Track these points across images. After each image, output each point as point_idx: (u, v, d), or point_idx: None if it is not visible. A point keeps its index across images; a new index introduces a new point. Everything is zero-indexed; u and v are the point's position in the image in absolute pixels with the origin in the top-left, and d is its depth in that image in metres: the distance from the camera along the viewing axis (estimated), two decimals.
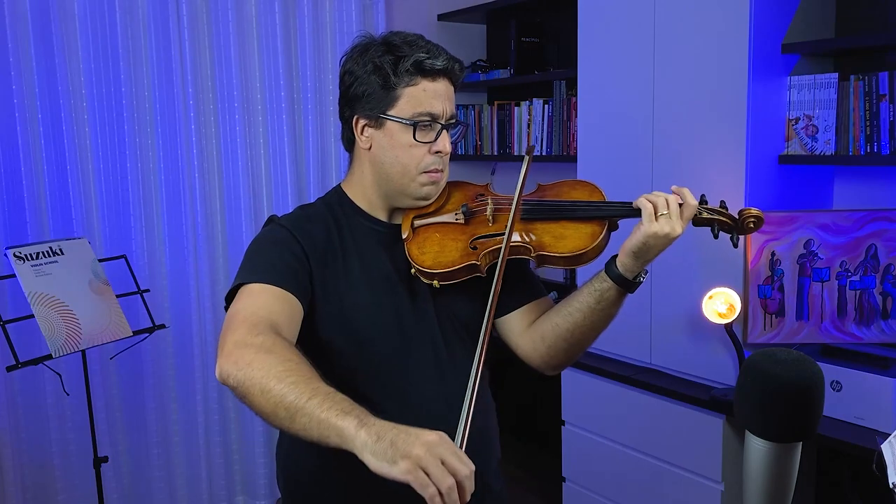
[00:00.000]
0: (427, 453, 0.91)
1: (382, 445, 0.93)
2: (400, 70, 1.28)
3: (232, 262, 3.23)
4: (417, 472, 0.91)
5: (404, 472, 0.91)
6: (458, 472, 0.92)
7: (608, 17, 2.65)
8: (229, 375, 1.09)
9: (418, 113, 1.29)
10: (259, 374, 1.06)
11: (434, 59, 1.29)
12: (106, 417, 2.98)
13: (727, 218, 1.32)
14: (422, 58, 1.28)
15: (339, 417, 0.98)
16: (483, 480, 1.42)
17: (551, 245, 1.31)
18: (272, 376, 1.04)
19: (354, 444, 0.95)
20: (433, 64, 1.28)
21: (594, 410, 2.78)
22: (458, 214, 1.36)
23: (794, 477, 1.16)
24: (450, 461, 0.92)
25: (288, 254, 1.30)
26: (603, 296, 1.31)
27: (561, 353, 1.39)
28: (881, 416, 2.06)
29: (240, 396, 1.09)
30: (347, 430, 0.96)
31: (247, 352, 1.09)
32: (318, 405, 1.00)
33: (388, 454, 0.92)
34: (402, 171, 1.32)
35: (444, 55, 1.31)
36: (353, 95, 1.32)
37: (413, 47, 1.29)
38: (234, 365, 1.09)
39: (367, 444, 0.94)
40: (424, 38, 1.33)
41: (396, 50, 1.29)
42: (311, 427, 0.99)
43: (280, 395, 1.02)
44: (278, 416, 1.03)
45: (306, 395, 1.01)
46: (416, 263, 1.31)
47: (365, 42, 1.33)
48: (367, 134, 1.33)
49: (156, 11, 2.97)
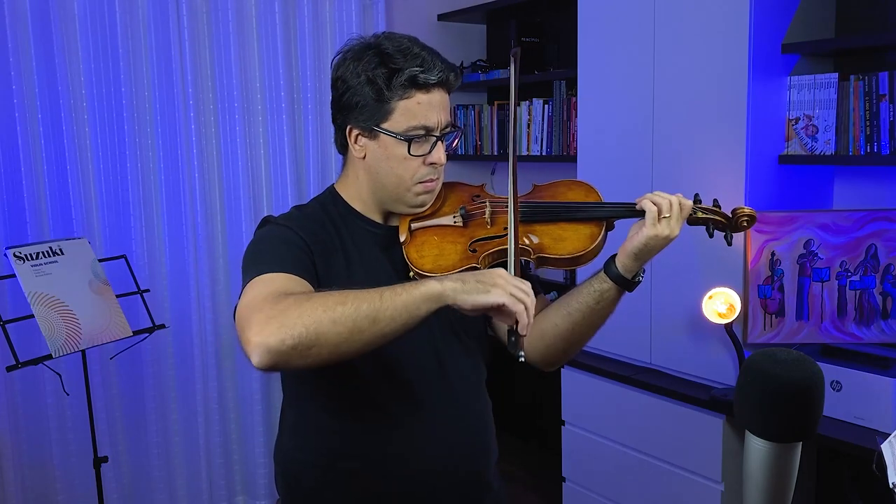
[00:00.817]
0: (505, 281, 1.07)
1: (471, 285, 1.06)
2: (394, 84, 1.25)
3: (232, 262, 3.23)
4: (511, 293, 1.05)
5: (500, 295, 1.05)
6: (525, 290, 1.08)
7: (608, 17, 2.65)
8: (283, 340, 1.02)
9: (413, 126, 1.27)
10: (319, 311, 1.04)
11: (429, 72, 1.26)
12: (106, 417, 2.98)
13: (721, 217, 1.35)
14: (416, 72, 1.25)
15: (417, 288, 1.06)
16: (482, 479, 1.43)
17: (551, 247, 1.31)
18: (334, 304, 1.04)
19: (446, 294, 1.06)
20: (427, 78, 1.26)
21: (594, 410, 2.78)
22: (457, 217, 1.35)
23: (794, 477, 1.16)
24: (520, 286, 1.08)
25: (295, 248, 1.27)
26: (603, 296, 1.32)
27: (559, 350, 1.40)
28: (881, 416, 2.06)
29: (304, 347, 1.03)
30: (433, 289, 1.06)
31: (288, 311, 1.04)
32: (392, 295, 1.05)
33: (480, 287, 1.06)
34: (397, 182, 1.31)
35: (440, 66, 1.28)
36: (346, 104, 1.30)
37: (407, 58, 1.26)
38: (281, 328, 1.02)
39: (458, 289, 1.06)
40: (418, 42, 1.30)
41: (390, 61, 1.26)
42: (398, 314, 1.05)
43: (354, 311, 1.04)
44: (361, 331, 1.04)
45: (376, 296, 1.05)
46: (416, 267, 1.31)
47: (357, 48, 1.30)
48: (360, 143, 1.32)
49: (156, 11, 2.97)
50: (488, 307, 1.06)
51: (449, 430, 1.37)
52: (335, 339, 1.04)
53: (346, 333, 1.04)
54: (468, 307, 1.06)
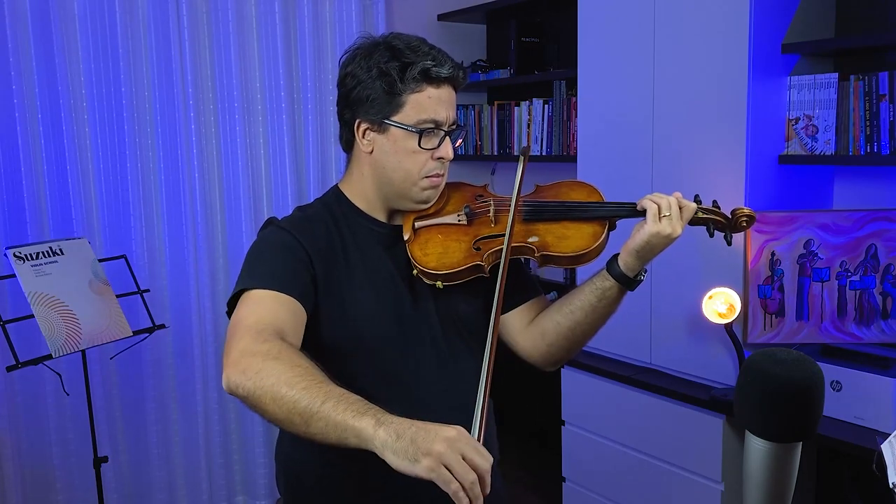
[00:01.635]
0: (448, 449, 0.92)
1: (403, 444, 0.93)
2: (407, 77, 1.27)
3: (232, 262, 3.23)
4: (440, 469, 0.91)
5: (427, 469, 0.91)
6: (478, 466, 0.93)
7: (608, 17, 2.65)
8: (238, 386, 1.08)
9: (423, 120, 1.29)
10: (269, 382, 1.05)
11: (440, 66, 1.28)
12: (106, 417, 2.98)
13: (721, 217, 1.37)
14: (429, 65, 1.27)
15: (356, 418, 0.97)
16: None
17: (554, 245, 1.33)
18: (283, 383, 1.04)
19: (374, 443, 0.95)
20: (439, 72, 1.28)
21: (594, 410, 2.78)
22: (461, 216, 1.36)
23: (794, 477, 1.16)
24: (470, 456, 0.93)
25: (290, 257, 1.29)
26: (605, 294, 1.33)
27: (562, 349, 1.41)
28: (881, 416, 2.06)
29: (251, 406, 1.08)
30: (366, 430, 0.96)
31: (254, 360, 1.09)
32: (332, 408, 0.99)
33: (410, 452, 0.92)
34: (404, 176, 1.32)
35: (450, 62, 1.30)
36: (356, 99, 1.31)
37: (418, 54, 1.28)
38: (242, 374, 1.08)
39: (388, 443, 0.94)
40: (426, 42, 1.32)
41: (402, 56, 1.28)
42: (329, 431, 0.99)
43: (293, 401, 1.02)
44: (293, 423, 1.03)
45: (320, 398, 1.01)
46: (420, 265, 1.31)
47: (367, 45, 1.32)
48: (369, 138, 1.33)
49: (156, 11, 2.97)
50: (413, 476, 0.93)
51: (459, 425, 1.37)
52: (270, 416, 1.06)
53: (281, 416, 1.04)
54: (394, 468, 0.94)
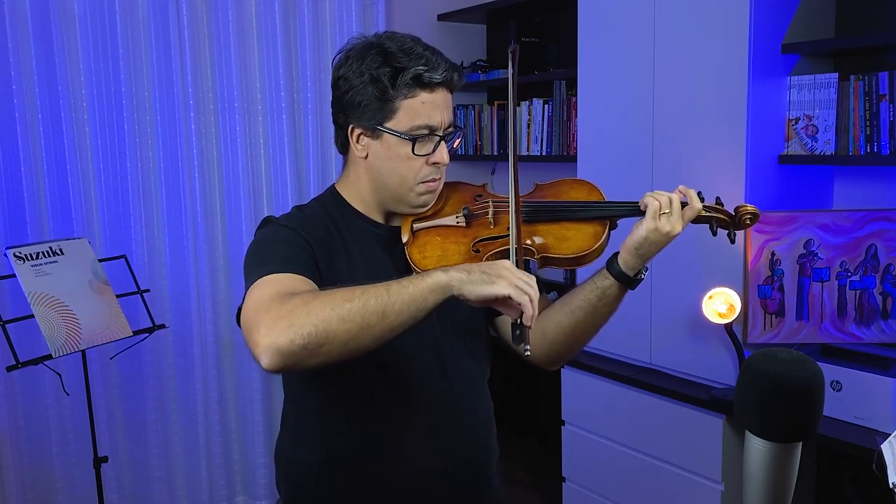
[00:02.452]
0: (510, 273, 1.07)
1: (476, 276, 1.06)
2: (398, 83, 1.24)
3: (232, 262, 3.22)
4: (518, 283, 1.06)
5: (506, 286, 1.05)
6: (533, 284, 1.08)
7: (608, 17, 2.65)
8: (292, 340, 1.01)
9: (416, 126, 1.26)
10: (327, 310, 1.03)
11: (433, 71, 1.25)
12: (106, 417, 2.98)
13: (724, 215, 1.34)
14: (421, 71, 1.24)
15: (423, 280, 1.06)
16: (484, 478, 1.43)
17: (554, 247, 1.31)
18: (341, 302, 1.04)
19: (452, 285, 1.06)
20: (432, 77, 1.25)
21: (594, 410, 2.78)
22: (459, 217, 1.34)
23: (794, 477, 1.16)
24: (524, 278, 1.08)
25: (298, 248, 1.26)
26: (605, 293, 1.32)
27: (563, 349, 1.40)
28: (881, 416, 2.06)
29: (315, 346, 1.02)
30: (439, 280, 1.06)
31: (296, 310, 1.04)
32: (399, 288, 1.05)
33: (486, 278, 1.06)
34: (399, 182, 1.30)
35: (443, 65, 1.27)
36: (349, 103, 1.29)
37: (411, 57, 1.25)
38: (290, 327, 1.02)
39: (463, 280, 1.06)
40: (421, 42, 1.29)
41: (394, 60, 1.25)
42: (405, 308, 1.05)
43: (362, 307, 1.04)
44: (370, 326, 1.04)
45: (382, 290, 1.05)
46: (419, 268, 1.30)
47: (360, 47, 1.29)
48: (363, 143, 1.31)
49: (156, 11, 2.97)
50: (493, 298, 1.06)
51: (451, 430, 1.37)
52: (345, 336, 1.03)
53: (356, 329, 1.03)
54: (473, 298, 1.06)
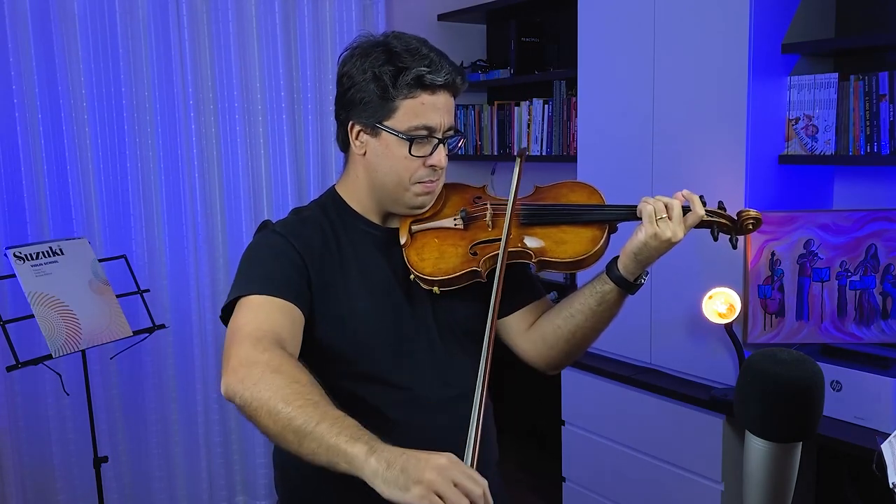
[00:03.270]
0: (439, 477, 0.91)
1: (393, 473, 0.93)
2: (400, 83, 1.24)
3: (232, 262, 3.22)
4: (431, 496, 0.91)
5: (418, 497, 0.91)
6: (471, 492, 0.92)
7: (608, 17, 2.65)
8: (236, 394, 1.08)
9: (415, 126, 1.26)
10: (266, 395, 1.04)
11: (435, 73, 1.25)
12: (106, 417, 2.97)
13: (726, 219, 1.33)
14: (423, 72, 1.24)
15: (349, 444, 0.97)
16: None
17: (552, 250, 1.30)
18: (280, 398, 1.03)
19: (364, 471, 0.95)
20: (434, 79, 1.25)
21: (594, 410, 2.78)
22: (457, 220, 1.34)
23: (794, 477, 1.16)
24: (462, 482, 0.92)
25: (286, 262, 1.28)
26: (604, 297, 1.31)
27: (562, 353, 1.39)
28: (881, 416, 2.06)
29: (246, 416, 1.08)
30: (357, 457, 0.96)
31: (253, 370, 1.08)
32: (326, 430, 0.99)
33: (400, 481, 0.92)
34: (396, 181, 1.30)
35: (447, 68, 1.27)
36: (350, 100, 1.29)
37: (415, 58, 1.25)
38: (240, 384, 1.08)
39: (378, 472, 0.94)
40: (427, 43, 1.29)
41: (397, 59, 1.25)
42: (320, 452, 0.99)
43: (288, 418, 1.01)
44: (286, 439, 1.02)
45: (315, 419, 1.00)
46: (416, 270, 1.29)
47: (365, 45, 1.30)
48: (362, 140, 1.31)
49: (156, 11, 2.97)
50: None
51: (449, 432, 1.36)
52: (264, 430, 1.06)
53: (276, 432, 1.04)
54: (385, 496, 0.95)
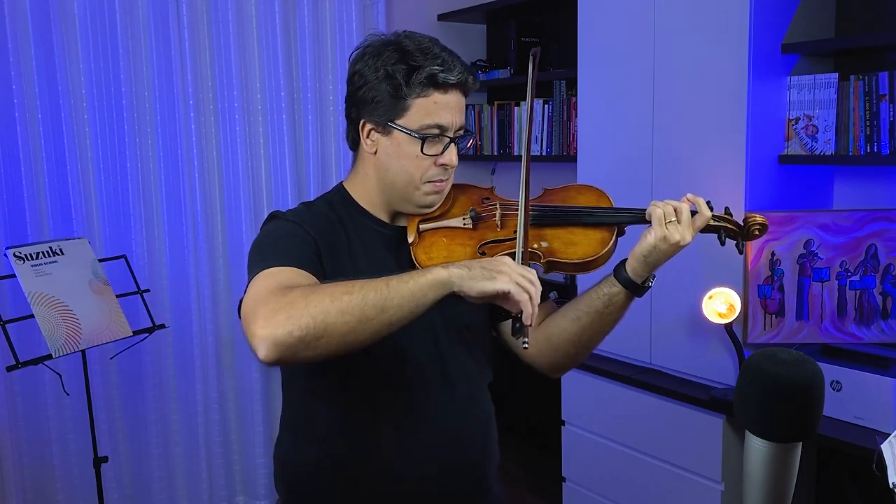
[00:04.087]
0: (511, 268, 1.08)
1: (476, 272, 1.07)
2: (413, 81, 1.25)
3: (232, 262, 3.22)
4: (519, 279, 1.06)
5: (506, 282, 1.06)
6: (534, 280, 1.09)
7: (608, 17, 2.65)
8: (290, 332, 1.01)
9: (427, 125, 1.26)
10: (325, 303, 1.03)
11: (448, 72, 1.26)
12: (106, 417, 2.97)
13: (733, 225, 1.33)
14: (436, 70, 1.25)
15: (423, 276, 1.06)
16: (482, 482, 1.43)
17: (561, 251, 1.30)
18: (340, 294, 1.04)
19: (452, 281, 1.06)
20: (447, 78, 1.25)
21: (594, 410, 2.78)
22: (466, 219, 1.34)
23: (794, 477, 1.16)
24: (526, 274, 1.09)
25: (302, 243, 1.26)
26: (612, 300, 1.31)
27: (568, 356, 1.39)
28: (881, 416, 2.06)
29: (312, 339, 1.02)
30: (439, 275, 1.06)
31: (295, 302, 1.03)
32: (399, 283, 1.05)
33: (486, 274, 1.06)
34: (406, 180, 1.31)
35: (459, 67, 1.27)
36: (362, 99, 1.29)
37: (427, 57, 1.26)
38: (288, 320, 1.01)
39: (464, 276, 1.06)
40: (439, 43, 1.29)
41: (410, 58, 1.25)
42: (405, 302, 1.05)
43: (361, 300, 1.04)
44: (369, 319, 1.04)
45: (382, 284, 1.05)
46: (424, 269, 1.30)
47: (378, 44, 1.30)
48: (373, 139, 1.31)
49: (156, 11, 2.97)
50: (494, 294, 1.07)
51: (450, 433, 1.36)
52: (343, 329, 1.03)
53: (354, 322, 1.03)
54: (474, 294, 1.06)
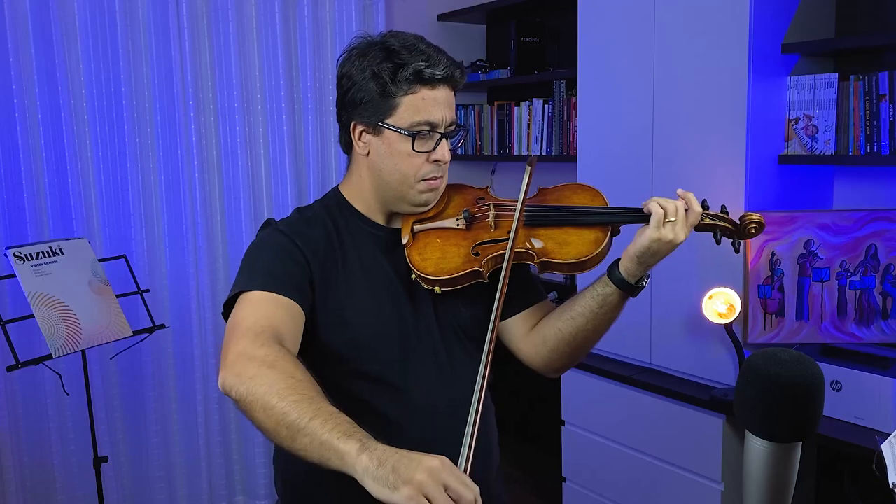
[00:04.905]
0: (429, 478, 0.90)
1: (384, 471, 0.92)
2: (399, 79, 1.24)
3: (232, 262, 3.23)
4: (420, 498, 0.89)
5: (406, 498, 0.89)
6: (461, 497, 0.90)
7: (608, 17, 2.65)
8: (232, 388, 1.08)
9: (417, 122, 1.26)
10: (262, 391, 1.04)
11: (434, 67, 1.25)
12: (106, 417, 2.98)
13: (729, 223, 1.33)
14: (421, 66, 1.24)
15: (341, 441, 0.96)
16: (482, 483, 1.42)
17: (555, 252, 1.29)
18: (274, 393, 1.03)
19: (355, 469, 0.94)
20: (433, 73, 1.25)
21: (594, 410, 2.78)
22: (460, 220, 1.34)
23: (794, 477, 1.16)
24: (453, 486, 0.90)
25: (288, 259, 1.28)
26: (606, 300, 1.31)
27: (564, 356, 1.39)
28: (881, 416, 2.06)
29: (242, 410, 1.08)
30: (349, 454, 0.95)
31: (250, 365, 1.08)
32: (320, 426, 0.98)
33: (390, 480, 0.91)
34: (400, 179, 1.30)
35: (445, 62, 1.27)
36: (351, 101, 1.29)
37: (413, 54, 1.25)
38: (236, 378, 1.08)
39: (369, 470, 0.93)
40: (424, 40, 1.29)
41: (395, 56, 1.25)
42: (313, 448, 0.98)
43: (282, 413, 1.01)
44: (279, 435, 1.02)
45: (308, 414, 1.00)
46: (418, 270, 1.29)
47: (363, 45, 1.30)
48: (364, 140, 1.31)
49: (156, 11, 2.97)
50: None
51: (449, 435, 1.36)
52: (259, 424, 1.06)
53: (270, 427, 1.04)
54: (374, 495, 0.93)
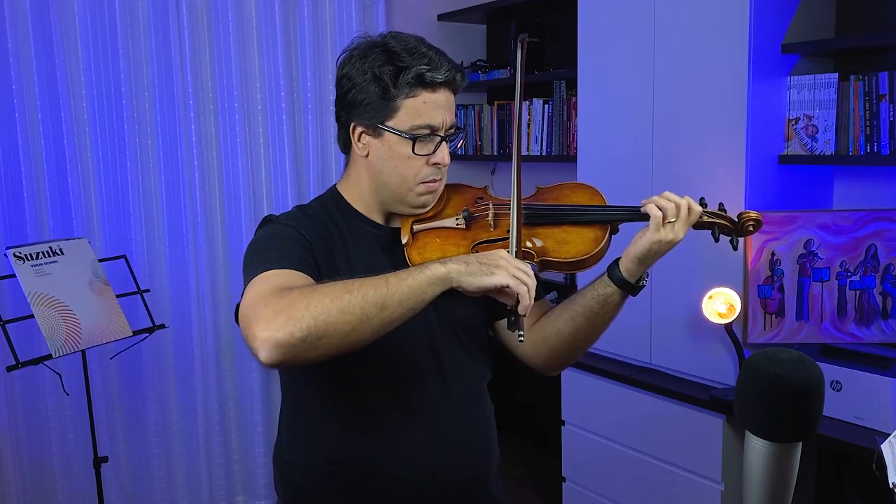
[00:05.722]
0: (508, 262, 1.10)
1: (474, 267, 1.08)
2: (400, 82, 1.24)
3: (232, 262, 3.23)
4: (511, 276, 1.08)
5: (504, 277, 1.08)
6: (529, 273, 1.11)
7: (608, 17, 2.65)
8: (291, 333, 1.01)
9: (417, 125, 1.26)
10: (326, 302, 1.03)
11: (435, 70, 1.25)
12: (106, 417, 2.97)
13: (727, 221, 1.33)
14: (423, 70, 1.24)
15: (422, 271, 1.07)
16: (481, 484, 1.43)
17: (554, 250, 1.30)
18: (339, 294, 1.04)
19: (451, 276, 1.07)
20: (434, 77, 1.25)
21: (594, 410, 2.78)
22: (459, 219, 1.34)
23: (794, 477, 1.16)
24: (522, 267, 1.10)
25: (296, 245, 1.26)
26: (607, 300, 1.31)
27: (563, 355, 1.39)
28: (881, 416, 2.06)
29: (314, 339, 1.02)
30: (437, 272, 1.07)
31: (295, 303, 1.03)
32: (398, 280, 1.06)
33: (483, 269, 1.08)
34: (399, 182, 1.30)
35: (446, 65, 1.27)
36: (351, 102, 1.29)
37: (414, 56, 1.25)
38: (289, 320, 1.01)
39: (461, 271, 1.08)
40: (425, 42, 1.29)
41: (397, 59, 1.25)
42: (405, 298, 1.05)
43: (361, 298, 1.04)
44: (369, 318, 1.04)
45: (381, 282, 1.06)
46: None
47: (364, 46, 1.30)
48: (364, 141, 1.31)
49: (156, 11, 2.97)
50: (492, 289, 1.08)
51: (448, 434, 1.36)
52: (344, 328, 1.03)
53: (355, 321, 1.03)
54: (472, 289, 1.08)
